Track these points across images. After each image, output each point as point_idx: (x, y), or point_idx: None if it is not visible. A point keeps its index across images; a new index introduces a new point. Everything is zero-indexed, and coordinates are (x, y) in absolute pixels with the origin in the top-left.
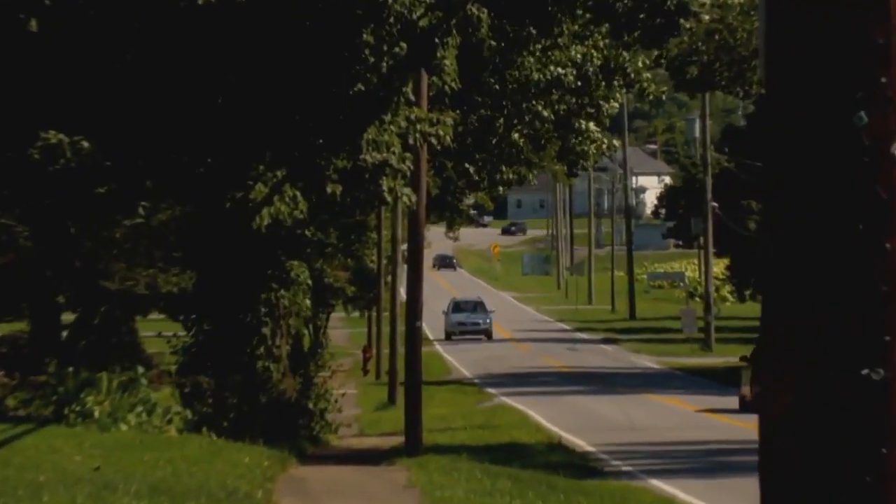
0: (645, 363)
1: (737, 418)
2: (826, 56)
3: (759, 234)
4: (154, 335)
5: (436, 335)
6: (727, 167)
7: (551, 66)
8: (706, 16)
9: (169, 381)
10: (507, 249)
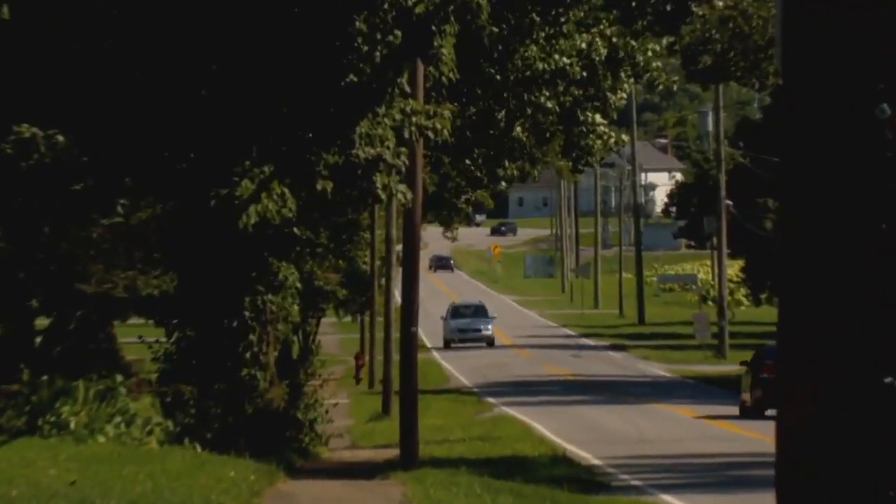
0: (655, 371)
1: (751, 429)
2: (846, 45)
3: (776, 234)
4: (133, 341)
5: (433, 342)
6: (742, 163)
7: (555, 56)
8: (719, 2)
9: (149, 390)
10: (509, 250)
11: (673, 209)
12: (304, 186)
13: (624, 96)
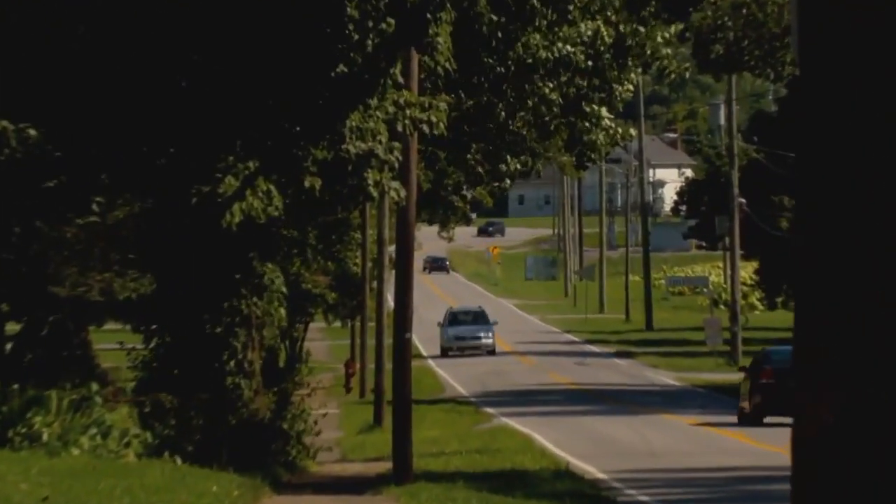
0: (663, 379)
1: (766, 441)
2: (868, 32)
3: (792, 234)
4: (110, 347)
5: (429, 350)
6: (756, 158)
7: (559, 44)
8: None
9: (126, 400)
10: (509, 251)
11: (683, 208)
12: (292, 183)
13: (631, 88)
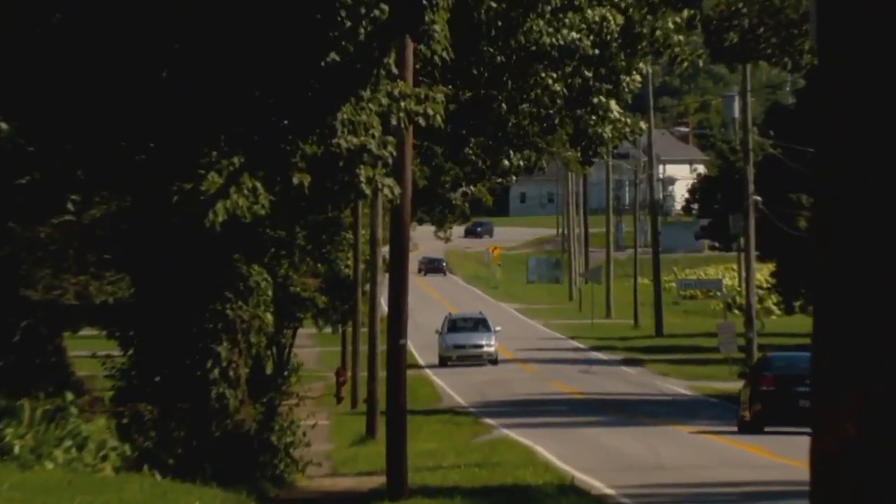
0: (674, 388)
1: (784, 454)
2: (893, 17)
3: (811, 234)
4: (85, 355)
5: (425, 358)
6: (772, 154)
7: (564, 30)
8: None
9: (103, 410)
10: (510, 252)
11: (694, 206)
12: (279, 180)
13: (639, 79)
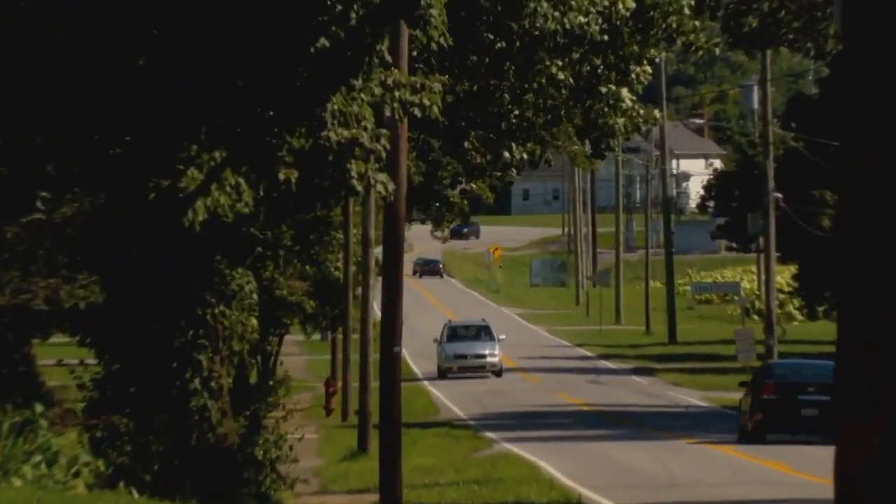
0: (688, 399)
1: (806, 470)
2: None
3: (836, 234)
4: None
5: (422, 367)
6: (794, 147)
7: (570, 14)
8: None
9: (76, 423)
10: (512, 253)
11: (710, 204)
12: (264, 176)
13: (649, 70)
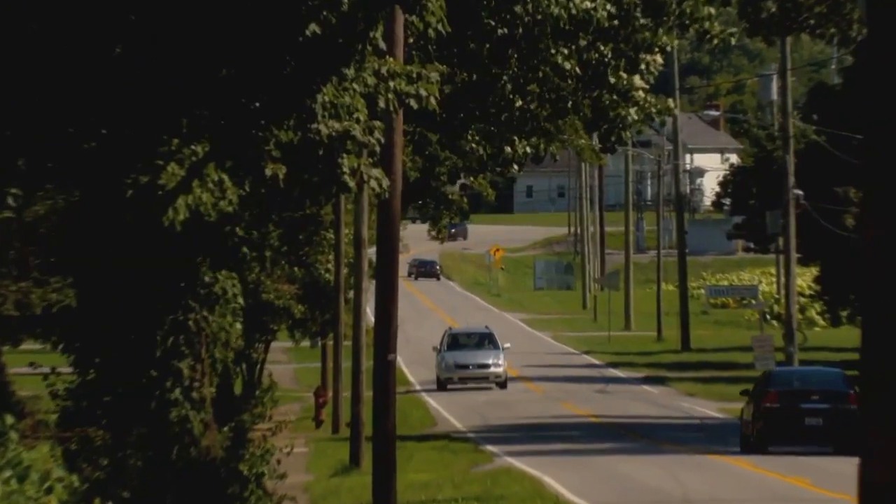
0: (702, 410)
1: (828, 486)
2: None
3: (860, 233)
4: (27, 372)
5: (418, 376)
6: (816, 141)
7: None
8: None
9: (48, 436)
10: (515, 254)
11: (726, 202)
12: (249, 172)
13: (659, 59)
